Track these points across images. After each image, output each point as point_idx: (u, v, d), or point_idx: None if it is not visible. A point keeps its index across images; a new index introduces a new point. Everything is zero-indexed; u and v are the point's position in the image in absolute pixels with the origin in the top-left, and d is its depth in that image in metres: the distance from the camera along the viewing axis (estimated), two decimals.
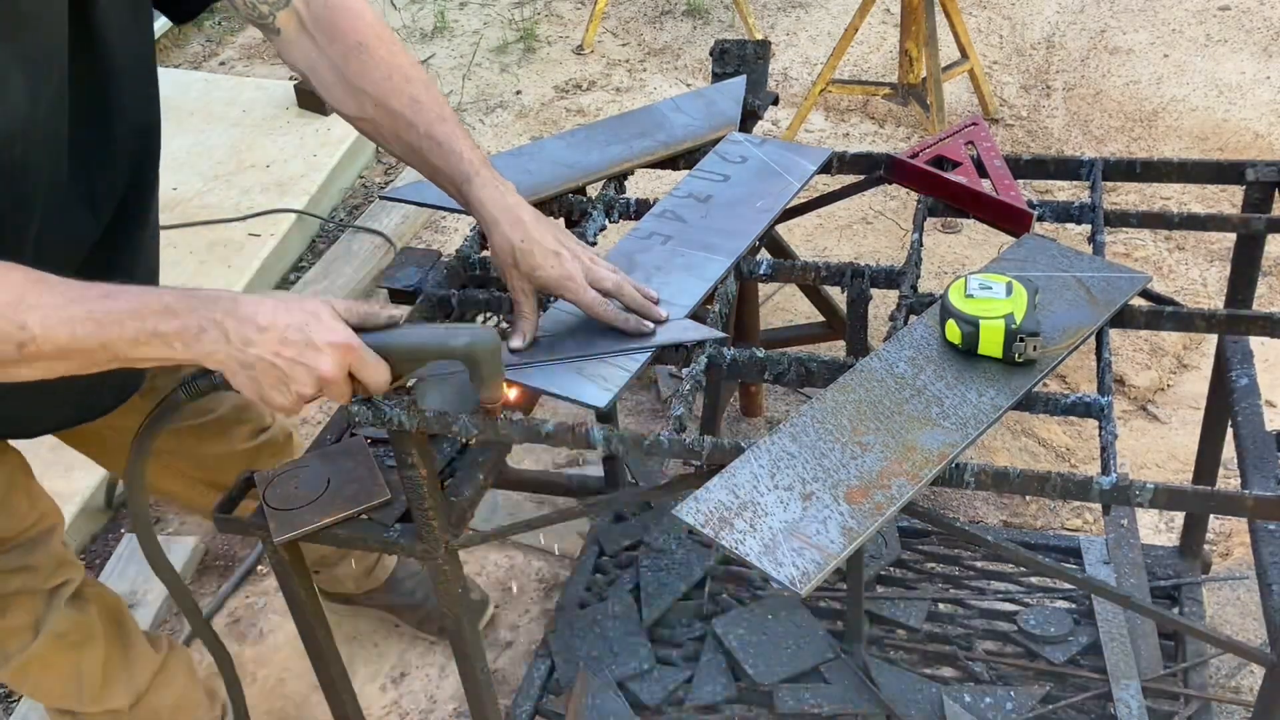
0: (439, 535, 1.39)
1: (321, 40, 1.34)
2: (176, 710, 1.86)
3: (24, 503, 1.54)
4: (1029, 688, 1.81)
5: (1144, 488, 1.13)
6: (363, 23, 1.34)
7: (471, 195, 1.32)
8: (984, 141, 1.64)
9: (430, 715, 2.11)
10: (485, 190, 1.31)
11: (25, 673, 1.63)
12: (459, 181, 1.33)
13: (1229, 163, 1.57)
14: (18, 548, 1.54)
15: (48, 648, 1.61)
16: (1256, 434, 1.40)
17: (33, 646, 1.59)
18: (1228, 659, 1.98)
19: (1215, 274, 2.97)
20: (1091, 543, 2.04)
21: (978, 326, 1.25)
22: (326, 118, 3.62)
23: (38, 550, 1.56)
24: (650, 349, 1.33)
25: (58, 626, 1.61)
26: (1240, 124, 3.52)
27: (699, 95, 1.90)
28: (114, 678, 1.72)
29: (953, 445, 1.16)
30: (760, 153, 1.69)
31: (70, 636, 1.64)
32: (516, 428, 1.27)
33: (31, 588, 1.57)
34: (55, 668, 1.65)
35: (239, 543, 2.49)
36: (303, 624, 1.57)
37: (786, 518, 1.10)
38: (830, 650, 1.88)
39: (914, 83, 3.41)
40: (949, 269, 3.03)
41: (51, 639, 1.61)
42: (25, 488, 1.56)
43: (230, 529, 1.47)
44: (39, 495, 1.59)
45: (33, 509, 1.56)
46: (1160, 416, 2.60)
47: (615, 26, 4.38)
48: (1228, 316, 1.36)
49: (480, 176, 1.32)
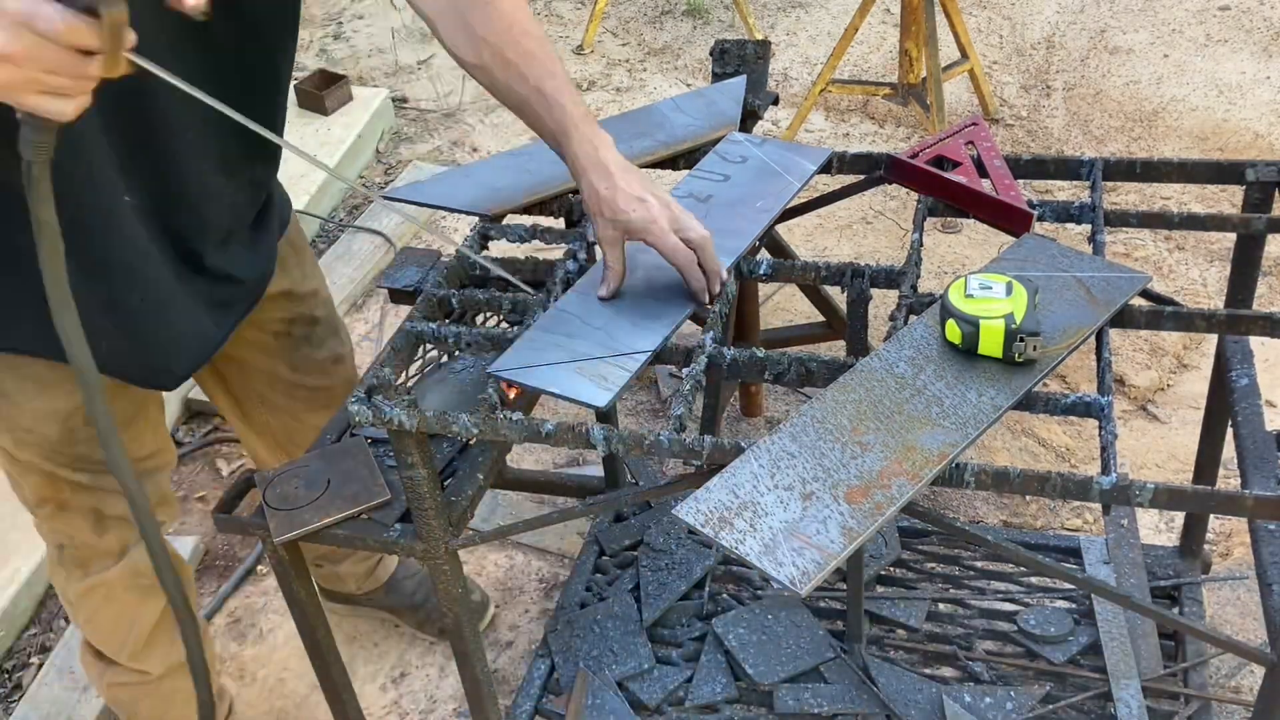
0: (439, 535, 1.39)
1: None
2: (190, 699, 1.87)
3: (147, 433, 1.63)
4: (1029, 688, 1.81)
5: (1144, 488, 1.13)
6: None
7: (567, 149, 1.39)
8: (984, 141, 1.64)
9: (430, 715, 2.11)
10: (580, 145, 1.37)
11: (89, 598, 1.70)
12: (558, 134, 1.39)
13: (1229, 163, 1.57)
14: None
15: (121, 579, 1.68)
16: (1256, 434, 1.40)
17: (111, 570, 1.66)
18: (1228, 659, 1.98)
19: (1215, 274, 2.97)
20: (1091, 543, 2.04)
21: (978, 326, 1.25)
22: (326, 118, 3.62)
23: (147, 483, 1.63)
24: (650, 351, 1.33)
25: (139, 563, 1.67)
26: (1240, 124, 3.52)
27: (699, 95, 1.90)
28: (159, 640, 1.77)
29: (953, 445, 1.16)
30: (761, 153, 1.69)
31: (144, 578, 1.69)
32: (516, 428, 1.27)
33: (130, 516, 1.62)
34: (116, 605, 1.71)
35: (239, 543, 2.49)
36: (303, 624, 1.57)
37: (786, 518, 1.10)
38: (830, 650, 1.88)
39: (914, 83, 3.41)
40: (949, 269, 3.03)
41: (130, 572, 1.67)
42: (153, 420, 1.64)
43: (230, 529, 1.47)
44: (162, 431, 1.67)
45: (154, 440, 1.65)
46: (1160, 416, 2.60)
47: (615, 26, 4.38)
48: (1228, 316, 1.36)
49: (579, 130, 1.37)
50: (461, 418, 1.27)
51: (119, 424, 1.55)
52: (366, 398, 1.30)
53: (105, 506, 1.61)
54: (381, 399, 1.29)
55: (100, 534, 1.63)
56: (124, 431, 1.56)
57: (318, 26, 4.55)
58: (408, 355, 1.44)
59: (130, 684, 1.83)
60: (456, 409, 1.29)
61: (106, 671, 1.82)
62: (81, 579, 1.68)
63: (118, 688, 1.85)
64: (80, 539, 1.64)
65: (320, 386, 1.80)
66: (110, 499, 1.61)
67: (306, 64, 4.18)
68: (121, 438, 1.56)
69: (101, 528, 1.63)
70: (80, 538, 1.64)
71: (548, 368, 1.31)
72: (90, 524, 1.62)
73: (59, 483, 1.57)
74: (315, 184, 3.37)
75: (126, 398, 1.56)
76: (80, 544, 1.65)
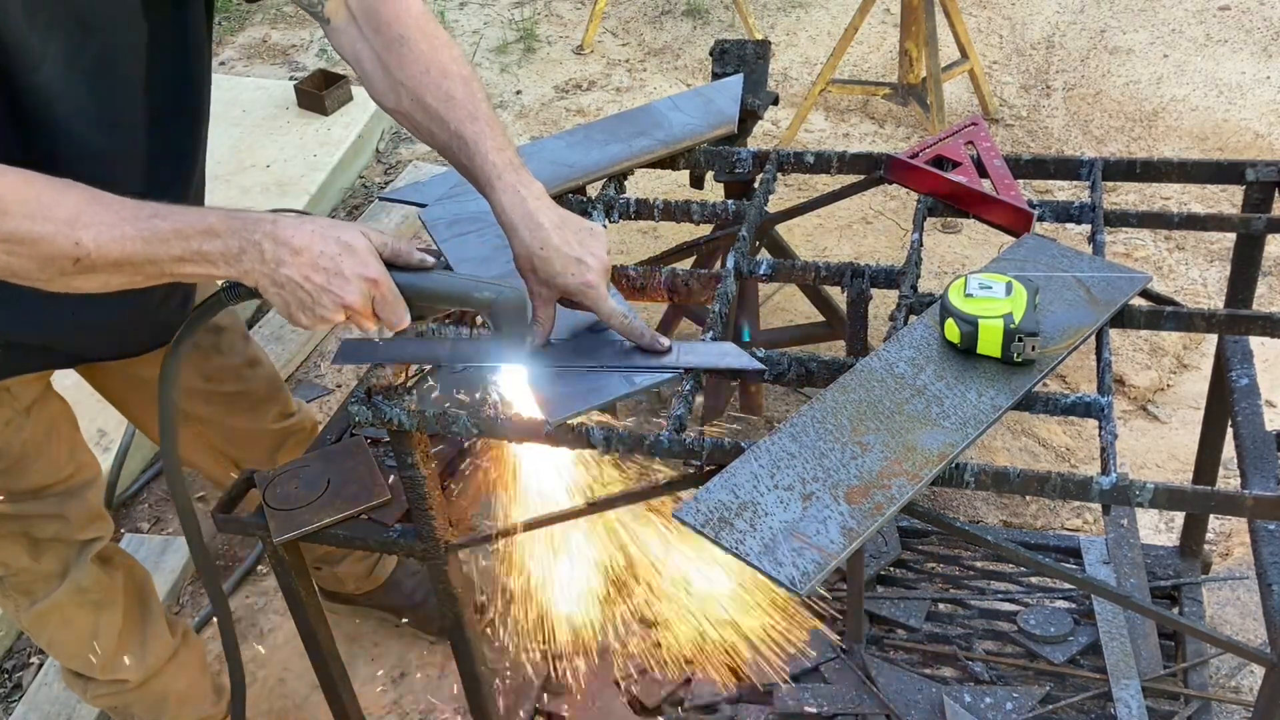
0: (439, 535, 1.39)
1: (366, 30, 1.35)
2: (183, 700, 1.88)
3: (63, 452, 1.61)
4: (1029, 688, 1.81)
5: (1144, 488, 1.13)
6: (408, 15, 1.35)
7: (492, 199, 1.31)
8: (984, 141, 1.64)
9: (430, 715, 2.11)
10: (505, 195, 1.29)
11: (45, 621, 1.68)
12: (482, 185, 1.32)
13: (1229, 163, 1.57)
14: (54, 496, 1.60)
15: (70, 599, 1.67)
16: (1256, 434, 1.40)
17: (56, 593, 1.65)
18: (1228, 659, 1.98)
19: (1215, 274, 2.97)
20: (1091, 543, 2.04)
21: (977, 326, 1.25)
22: (326, 118, 3.62)
23: (73, 501, 1.62)
24: (680, 368, 1.30)
25: (83, 580, 1.67)
26: (1240, 124, 3.52)
27: (697, 94, 1.89)
28: (128, 648, 1.77)
29: (953, 445, 1.16)
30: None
31: (92, 594, 1.69)
32: (517, 428, 1.27)
33: (64, 537, 1.63)
34: (74, 623, 1.70)
35: (239, 543, 2.49)
36: (303, 624, 1.57)
37: (786, 518, 1.10)
38: (830, 650, 1.88)
39: (914, 83, 3.41)
40: (949, 269, 3.03)
41: (75, 591, 1.67)
42: (67, 437, 1.62)
43: (230, 529, 1.47)
44: (79, 447, 1.65)
45: (71, 459, 1.62)
46: (1160, 416, 2.60)
47: (615, 26, 4.38)
48: (1228, 316, 1.36)
49: (502, 180, 1.29)
50: (462, 418, 1.27)
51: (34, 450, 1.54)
52: (366, 398, 1.30)
53: (35, 530, 1.59)
54: (381, 399, 1.29)
55: (37, 558, 1.61)
56: (40, 456, 1.55)
57: (318, 26, 4.55)
58: None
59: (114, 694, 1.82)
60: (456, 409, 1.29)
61: (89, 687, 1.81)
62: (30, 606, 1.66)
63: (104, 698, 1.85)
64: (18, 565, 1.62)
65: (238, 391, 1.79)
66: (39, 523, 1.59)
67: (306, 64, 4.18)
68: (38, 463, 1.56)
69: (36, 551, 1.61)
70: (17, 564, 1.61)
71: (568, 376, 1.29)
72: (24, 549, 1.60)
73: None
74: (315, 184, 3.37)
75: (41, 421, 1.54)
76: (19, 570, 1.62)
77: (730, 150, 1.72)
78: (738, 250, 1.50)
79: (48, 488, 1.58)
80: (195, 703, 1.91)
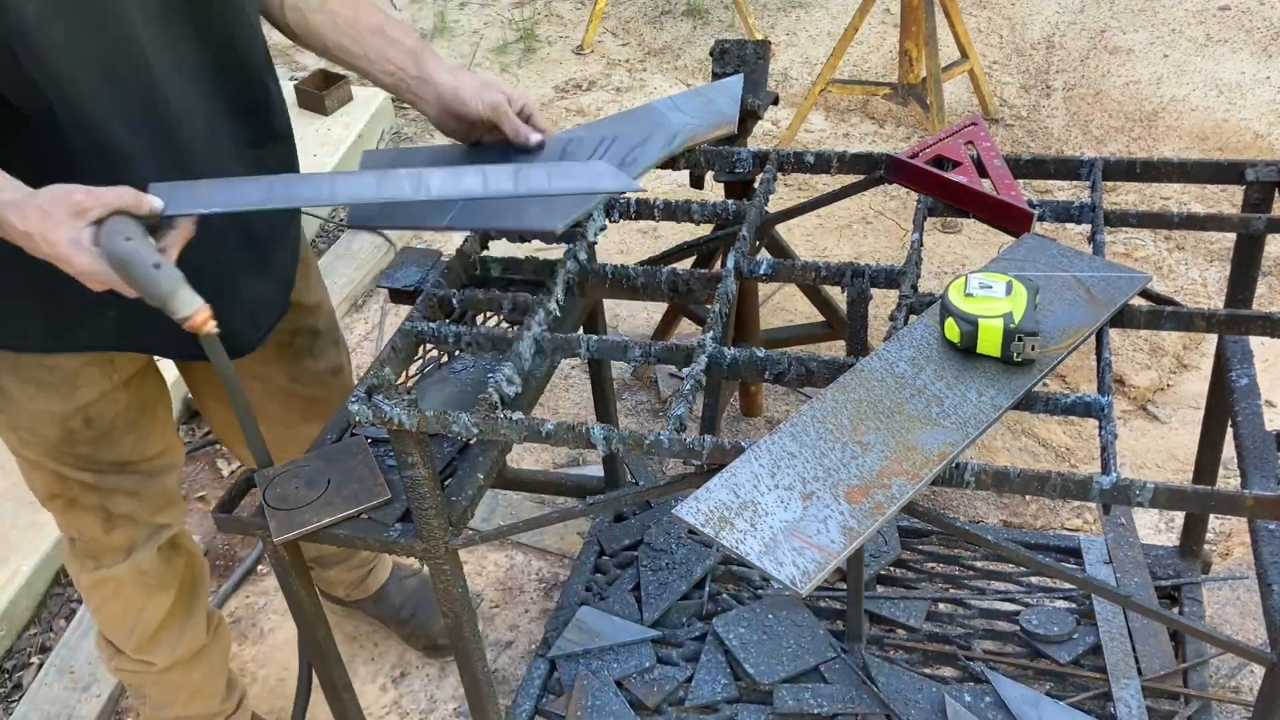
0: (439, 535, 1.39)
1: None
2: (196, 691, 1.90)
3: (154, 431, 1.64)
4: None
5: (1144, 488, 1.13)
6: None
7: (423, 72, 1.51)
8: (984, 141, 1.64)
9: (430, 715, 2.11)
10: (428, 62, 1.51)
11: (99, 588, 1.73)
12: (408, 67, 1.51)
13: (1229, 163, 1.57)
14: (135, 474, 1.63)
15: (129, 577, 1.71)
16: (1256, 434, 1.40)
17: (118, 566, 1.69)
18: (1228, 659, 1.98)
19: (1215, 274, 2.97)
20: (1091, 543, 2.04)
21: (976, 325, 1.25)
22: (326, 118, 3.62)
23: (151, 482, 1.65)
24: (590, 193, 1.44)
25: (144, 563, 1.70)
26: (1240, 124, 3.52)
27: (697, 94, 1.89)
28: (165, 636, 1.80)
29: (953, 445, 1.16)
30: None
31: (150, 579, 1.73)
32: (517, 427, 1.27)
33: (137, 516, 1.66)
34: (123, 599, 1.74)
35: (239, 543, 2.49)
36: (303, 624, 1.57)
37: (787, 517, 1.10)
38: (830, 650, 1.88)
39: (914, 83, 3.41)
40: (949, 269, 3.03)
41: (135, 571, 1.71)
42: (161, 418, 1.66)
43: (230, 529, 1.47)
44: (169, 430, 1.68)
45: (160, 439, 1.66)
46: (1160, 416, 2.60)
47: (615, 26, 4.38)
48: (1228, 316, 1.36)
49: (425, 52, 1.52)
50: (461, 418, 1.27)
51: (125, 424, 1.56)
52: (366, 397, 1.30)
53: (112, 505, 1.63)
54: (381, 399, 1.29)
55: (108, 532, 1.65)
56: (131, 431, 1.59)
57: None
58: (408, 355, 1.44)
59: (137, 671, 1.86)
60: (456, 409, 1.29)
61: (115, 657, 1.85)
62: (93, 570, 1.71)
63: (125, 673, 1.89)
64: (89, 534, 1.66)
65: (317, 397, 1.80)
66: (116, 498, 1.63)
67: (307, 64, 4.18)
68: (129, 437, 1.59)
69: (109, 525, 1.65)
70: (89, 533, 1.66)
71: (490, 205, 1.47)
72: (99, 521, 1.64)
73: (67, 481, 1.59)
74: None
75: (137, 397, 1.58)
76: (90, 539, 1.67)
77: (730, 150, 1.72)
78: (738, 250, 1.50)
79: (132, 464, 1.61)
80: (206, 698, 1.93)
